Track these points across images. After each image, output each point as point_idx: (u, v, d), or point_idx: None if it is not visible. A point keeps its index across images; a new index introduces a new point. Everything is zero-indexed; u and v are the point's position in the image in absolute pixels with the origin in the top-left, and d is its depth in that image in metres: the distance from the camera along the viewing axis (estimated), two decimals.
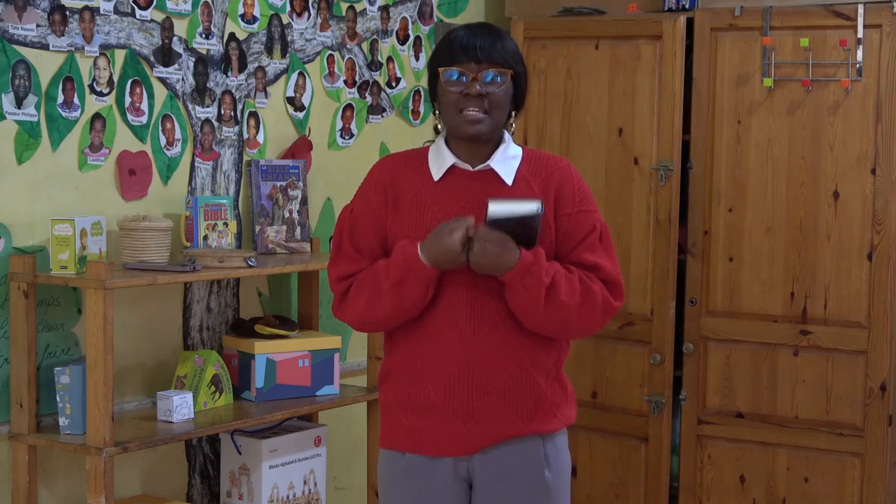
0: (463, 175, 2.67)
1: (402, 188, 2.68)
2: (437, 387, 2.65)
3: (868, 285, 4.13)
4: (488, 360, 2.63)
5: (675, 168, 4.36)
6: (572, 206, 2.69)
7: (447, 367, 2.64)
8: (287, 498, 3.82)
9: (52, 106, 3.38)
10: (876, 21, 4.06)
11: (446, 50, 2.65)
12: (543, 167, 2.71)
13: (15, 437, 3.29)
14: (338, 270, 2.72)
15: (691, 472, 4.42)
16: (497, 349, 2.64)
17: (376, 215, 2.69)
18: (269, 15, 3.99)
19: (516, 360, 2.65)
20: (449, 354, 2.64)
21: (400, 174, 2.70)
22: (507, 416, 2.65)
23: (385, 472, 2.76)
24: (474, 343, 2.63)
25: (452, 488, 2.69)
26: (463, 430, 2.65)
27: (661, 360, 4.40)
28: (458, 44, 2.63)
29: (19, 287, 3.26)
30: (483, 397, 2.64)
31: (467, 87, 2.60)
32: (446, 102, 2.64)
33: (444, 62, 2.64)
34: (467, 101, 2.61)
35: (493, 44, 2.62)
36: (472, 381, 2.64)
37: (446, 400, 2.64)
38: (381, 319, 2.67)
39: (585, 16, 4.58)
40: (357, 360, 4.32)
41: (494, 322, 2.63)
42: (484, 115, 2.61)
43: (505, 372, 2.64)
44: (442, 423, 2.65)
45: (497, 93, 2.62)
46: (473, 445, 2.66)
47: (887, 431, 4.13)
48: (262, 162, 3.93)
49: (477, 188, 2.65)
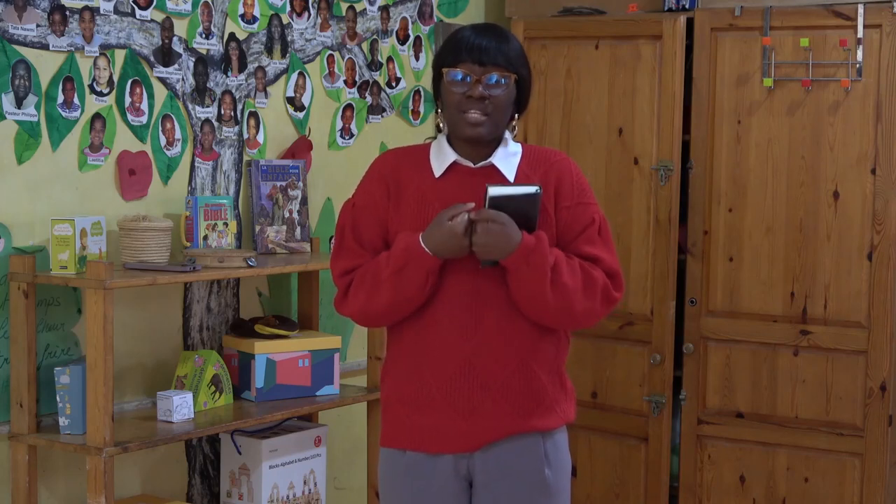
0: (464, 172, 2.68)
1: (403, 183, 2.69)
2: (438, 383, 2.65)
3: (868, 285, 4.13)
4: (490, 356, 2.64)
5: (675, 168, 4.36)
6: (571, 198, 2.70)
7: (448, 364, 2.64)
8: (287, 498, 3.82)
9: (52, 106, 3.38)
10: (876, 21, 4.06)
11: (451, 49, 2.65)
12: (542, 161, 2.72)
13: (15, 437, 3.29)
14: (340, 265, 2.71)
15: (691, 472, 4.42)
16: (499, 345, 2.64)
17: (378, 209, 2.69)
18: (269, 15, 3.99)
19: (518, 356, 2.65)
20: (450, 350, 2.64)
21: (401, 169, 2.71)
22: (507, 412, 2.65)
23: (385, 470, 2.76)
24: (476, 339, 2.63)
25: (453, 486, 2.69)
26: (464, 426, 2.65)
27: (661, 360, 4.40)
28: (463, 44, 2.62)
29: (19, 287, 3.26)
30: (484, 393, 2.64)
31: (470, 89, 2.60)
32: (449, 102, 2.64)
33: (448, 62, 2.64)
34: (469, 103, 2.61)
35: (498, 45, 2.62)
36: (473, 376, 2.64)
37: (447, 396, 2.65)
38: (381, 312, 2.66)
39: (585, 16, 4.58)
40: (357, 360, 4.32)
41: (496, 317, 2.64)
42: (485, 118, 2.62)
43: (506, 368, 2.64)
44: (443, 419, 2.66)
45: (499, 95, 2.62)
46: (474, 442, 2.66)
47: (887, 431, 4.13)
48: (262, 162, 3.93)
49: (478, 184, 2.64)
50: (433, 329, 2.65)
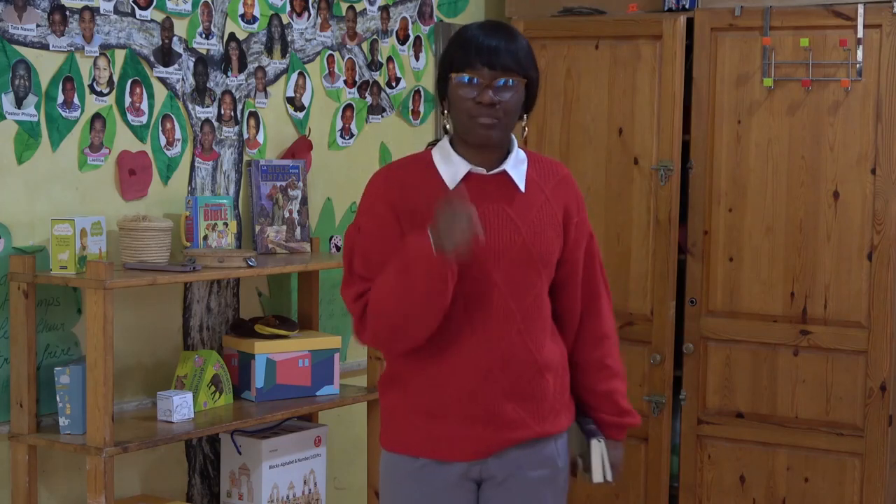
0: (478, 179, 2.62)
1: (413, 201, 2.59)
2: (459, 394, 2.60)
3: (868, 285, 4.13)
4: (510, 366, 2.61)
5: (675, 168, 4.36)
6: (577, 213, 2.72)
7: (468, 374, 2.60)
8: (287, 498, 3.82)
9: (52, 106, 3.38)
10: (876, 21, 4.07)
11: (458, 51, 2.57)
12: (550, 172, 2.71)
13: (15, 437, 3.29)
14: (352, 291, 2.62)
15: (691, 472, 4.42)
16: (519, 355, 2.62)
17: (386, 229, 2.59)
18: (269, 15, 3.99)
19: (535, 364, 2.64)
20: (470, 361, 2.60)
21: (404, 185, 2.62)
22: (525, 418, 2.64)
23: (391, 475, 2.72)
24: (498, 350, 2.60)
25: (462, 489, 2.67)
26: (482, 434, 2.62)
27: (661, 360, 4.40)
28: (472, 47, 2.55)
29: (19, 287, 3.26)
30: (505, 402, 2.62)
31: (479, 95, 2.54)
32: (458, 108, 2.58)
33: (457, 65, 2.57)
34: (479, 109, 2.55)
35: (507, 47, 2.55)
36: (492, 386, 2.61)
37: (466, 406, 2.61)
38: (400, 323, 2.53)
39: (585, 16, 4.58)
40: (357, 360, 4.32)
41: (518, 329, 2.61)
42: (496, 121, 2.56)
43: (524, 375, 2.63)
44: (461, 428, 2.62)
45: (509, 100, 2.56)
46: (490, 449, 2.64)
47: (887, 431, 4.13)
48: (262, 162, 3.93)
49: (493, 192, 2.61)
50: (452, 341, 2.59)
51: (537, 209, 2.64)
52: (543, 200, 2.66)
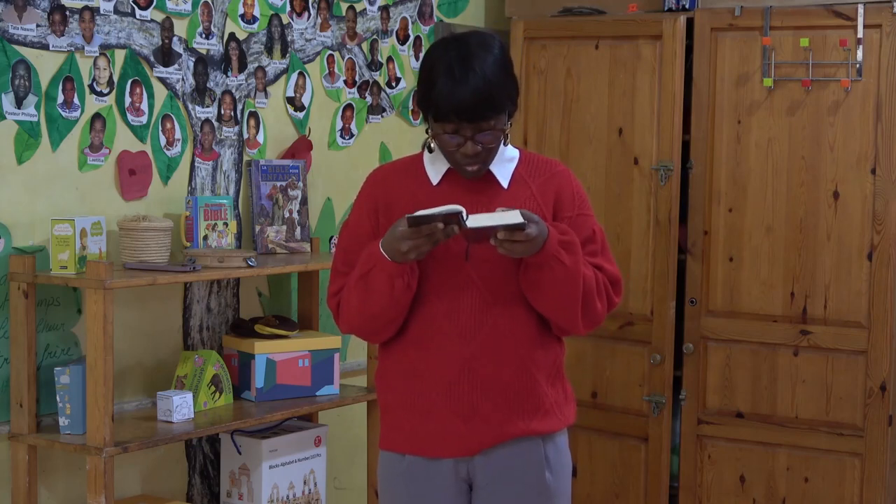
0: (461, 177, 2.67)
1: (396, 196, 2.67)
2: (438, 387, 2.65)
3: (868, 285, 4.13)
4: (489, 360, 2.63)
5: (675, 168, 4.36)
6: (572, 209, 2.70)
7: (448, 368, 2.64)
8: (287, 498, 3.82)
9: (52, 106, 3.38)
10: (876, 21, 4.06)
11: (434, 103, 2.56)
12: (543, 170, 2.72)
13: (15, 437, 3.29)
14: (332, 287, 2.73)
15: (691, 473, 4.42)
16: (499, 348, 2.64)
17: (363, 228, 2.69)
18: (269, 15, 3.99)
19: (517, 359, 2.65)
20: (450, 355, 2.64)
21: (393, 183, 2.70)
22: (507, 416, 2.65)
23: (385, 474, 2.76)
24: (476, 342, 2.63)
25: (453, 489, 2.69)
26: (464, 430, 2.65)
27: (661, 360, 4.40)
28: (449, 105, 2.53)
29: (19, 287, 3.26)
30: (484, 397, 2.64)
31: (463, 148, 2.58)
32: (442, 147, 2.61)
33: (435, 115, 2.57)
34: (464, 158, 2.59)
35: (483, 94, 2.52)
36: (473, 380, 2.64)
37: (447, 400, 2.64)
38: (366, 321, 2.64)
39: (585, 16, 4.58)
40: (357, 360, 4.32)
41: (496, 321, 2.64)
42: (480, 165, 2.61)
43: (506, 371, 2.64)
44: (443, 423, 2.65)
45: (492, 139, 2.59)
46: (474, 446, 2.66)
47: (887, 431, 4.13)
48: (262, 162, 3.93)
49: (475, 188, 2.66)
50: (431, 334, 2.64)
51: (520, 204, 2.65)
52: (528, 195, 2.68)
